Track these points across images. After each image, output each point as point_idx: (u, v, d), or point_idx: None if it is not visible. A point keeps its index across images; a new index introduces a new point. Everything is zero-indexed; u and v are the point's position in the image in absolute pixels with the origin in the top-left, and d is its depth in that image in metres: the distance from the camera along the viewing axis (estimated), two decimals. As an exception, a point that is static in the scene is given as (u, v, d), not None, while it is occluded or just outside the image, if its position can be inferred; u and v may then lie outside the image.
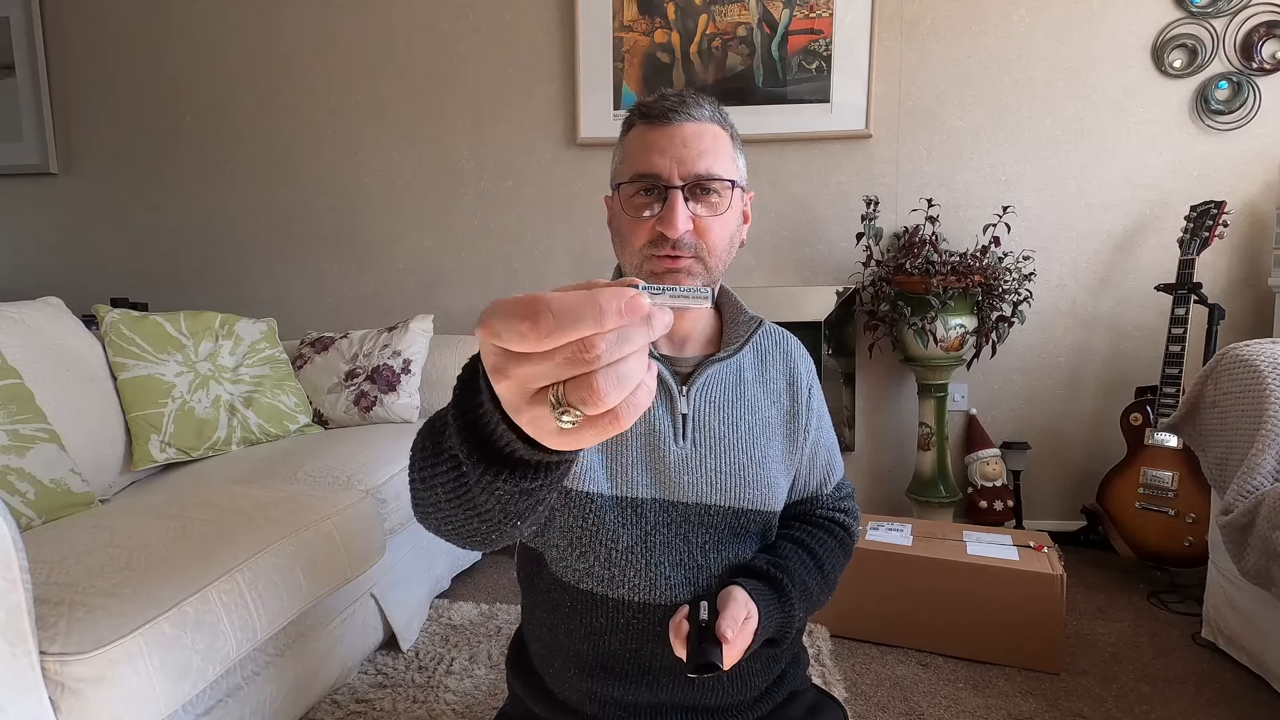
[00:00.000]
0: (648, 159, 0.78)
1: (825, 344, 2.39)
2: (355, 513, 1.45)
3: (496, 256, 2.58)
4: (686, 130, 0.78)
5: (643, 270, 0.80)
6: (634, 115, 0.82)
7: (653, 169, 0.77)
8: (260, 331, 2.05)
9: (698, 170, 0.77)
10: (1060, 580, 1.56)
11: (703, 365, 0.85)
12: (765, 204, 2.43)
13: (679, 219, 0.76)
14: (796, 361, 0.93)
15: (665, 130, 0.78)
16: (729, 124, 0.83)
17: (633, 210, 0.79)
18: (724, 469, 0.84)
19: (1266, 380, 1.41)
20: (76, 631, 0.90)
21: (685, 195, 0.78)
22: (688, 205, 0.78)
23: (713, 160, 0.78)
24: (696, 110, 0.79)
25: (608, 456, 0.84)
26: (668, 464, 0.83)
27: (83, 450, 1.55)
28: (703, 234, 0.78)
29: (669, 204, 0.77)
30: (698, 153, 0.77)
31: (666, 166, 0.77)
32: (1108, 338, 2.32)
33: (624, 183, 0.80)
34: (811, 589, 0.86)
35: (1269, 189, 2.19)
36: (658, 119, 0.79)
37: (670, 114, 0.78)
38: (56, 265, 2.80)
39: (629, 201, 0.80)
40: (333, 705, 1.45)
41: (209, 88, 2.65)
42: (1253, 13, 2.13)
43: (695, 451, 0.84)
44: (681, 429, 0.84)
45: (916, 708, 1.46)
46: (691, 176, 0.77)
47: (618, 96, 2.42)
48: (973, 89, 2.31)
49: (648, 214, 0.78)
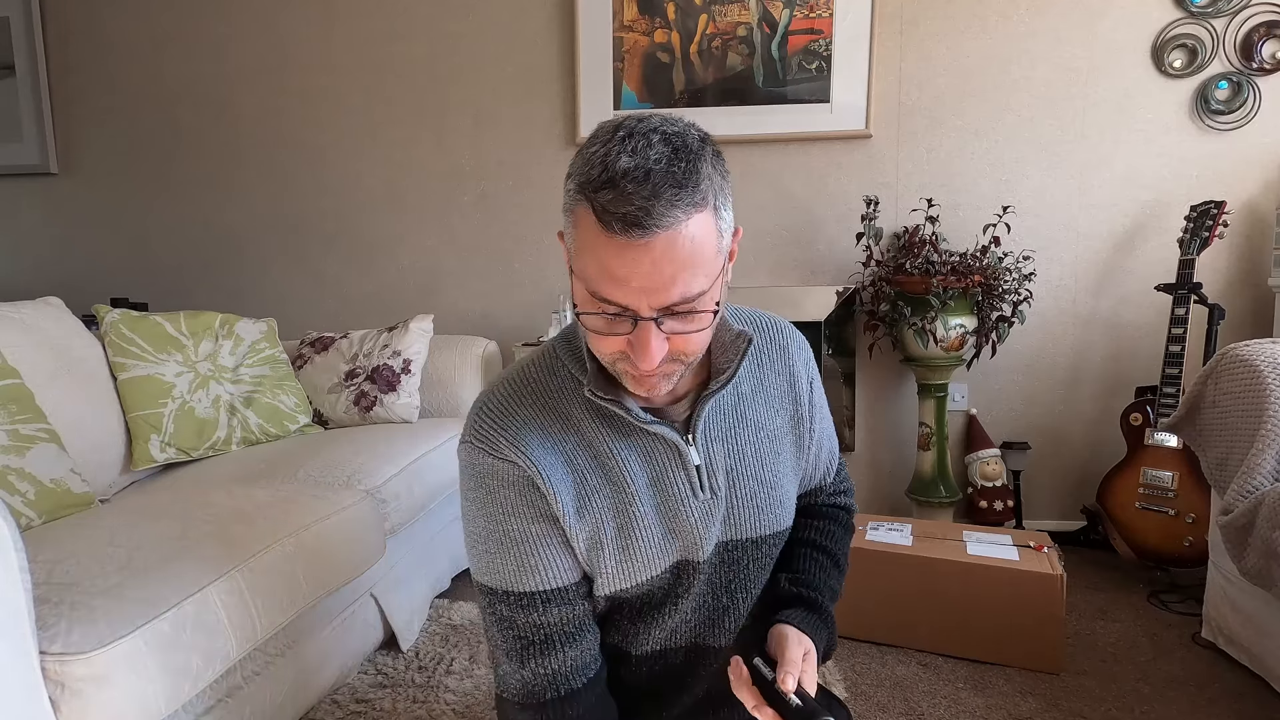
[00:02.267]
0: (610, 287, 0.62)
1: (825, 344, 2.39)
2: (355, 513, 1.45)
3: (496, 256, 2.58)
4: (657, 249, 0.60)
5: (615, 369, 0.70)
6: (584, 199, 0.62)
7: (618, 300, 0.63)
8: (260, 331, 2.05)
9: (672, 299, 0.62)
10: (1060, 580, 1.56)
11: (699, 404, 0.77)
12: (765, 204, 2.43)
13: (653, 354, 0.64)
14: (794, 356, 0.86)
15: (629, 251, 0.60)
16: (712, 186, 0.63)
17: (596, 326, 0.66)
18: (737, 504, 0.79)
19: (1266, 380, 1.41)
20: (76, 631, 0.90)
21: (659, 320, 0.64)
22: (661, 327, 0.64)
23: (690, 278, 0.62)
24: (668, 214, 0.60)
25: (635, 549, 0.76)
26: (691, 523, 0.77)
27: (83, 450, 1.55)
28: (679, 346, 0.67)
29: (640, 336, 0.64)
30: (671, 278, 0.61)
31: (634, 300, 0.62)
32: (1108, 338, 2.32)
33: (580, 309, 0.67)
34: (836, 589, 0.88)
35: (1269, 189, 2.19)
36: (619, 234, 0.60)
37: (634, 229, 0.59)
38: (56, 265, 2.80)
39: (590, 319, 0.66)
40: (333, 705, 1.45)
41: (209, 88, 2.65)
42: (1253, 13, 2.13)
43: (715, 499, 0.78)
44: (698, 481, 0.77)
45: (916, 708, 1.46)
46: (665, 307, 0.63)
47: (618, 96, 2.42)
48: (973, 89, 2.31)
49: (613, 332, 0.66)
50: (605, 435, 0.75)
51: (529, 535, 0.75)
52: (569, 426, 0.75)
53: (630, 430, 0.75)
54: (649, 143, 0.61)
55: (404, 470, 1.68)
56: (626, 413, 0.72)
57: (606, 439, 0.75)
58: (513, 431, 0.74)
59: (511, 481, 0.74)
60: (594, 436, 0.75)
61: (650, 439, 0.76)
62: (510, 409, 0.76)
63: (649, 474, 0.76)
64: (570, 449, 0.75)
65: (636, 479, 0.75)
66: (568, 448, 0.75)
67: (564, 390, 0.77)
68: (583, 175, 0.63)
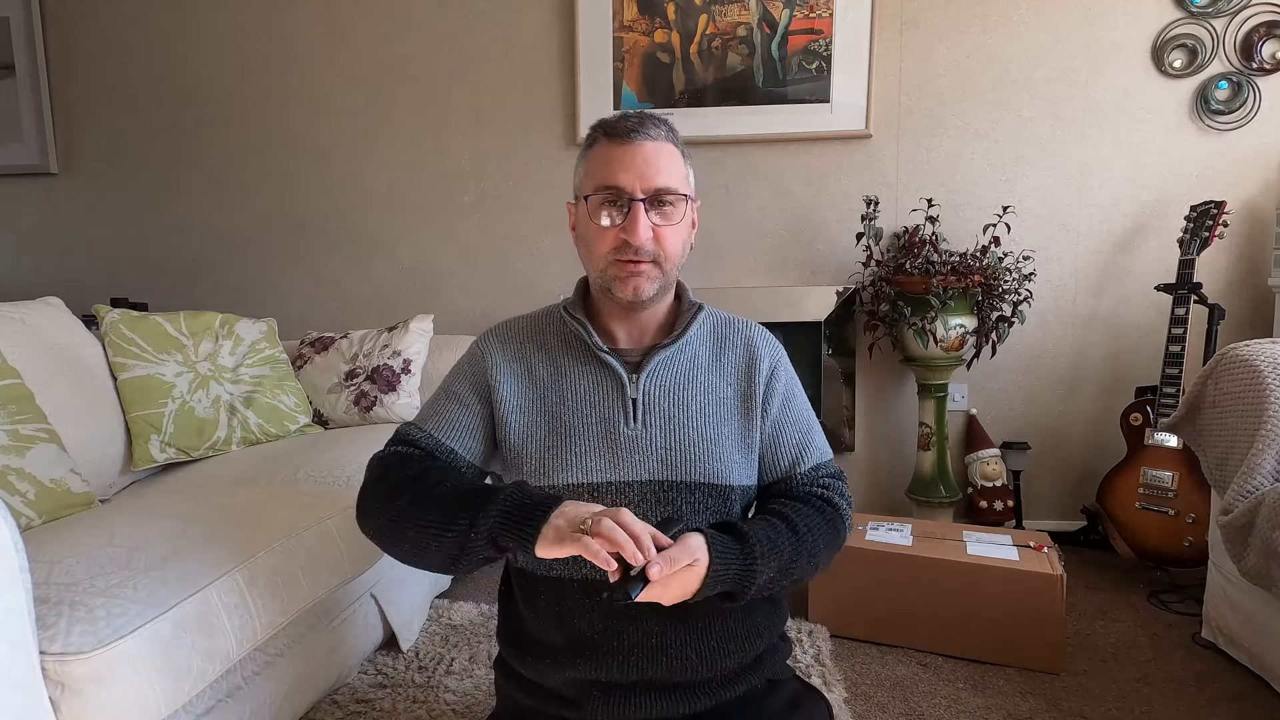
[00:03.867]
0: (612, 174, 0.88)
1: (825, 344, 2.39)
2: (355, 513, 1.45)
3: (496, 256, 2.58)
4: (646, 149, 0.89)
5: (607, 275, 0.91)
6: (597, 132, 0.92)
7: (617, 183, 0.88)
8: (260, 331, 2.05)
9: (657, 184, 0.88)
10: (1060, 580, 1.56)
11: (651, 352, 0.95)
12: (765, 204, 2.43)
13: (641, 228, 0.88)
14: (757, 346, 1.00)
15: (627, 148, 0.89)
16: (680, 143, 0.94)
17: (598, 218, 0.90)
18: (674, 446, 0.91)
19: (1266, 380, 1.41)
20: (76, 631, 0.90)
21: (646, 207, 0.88)
22: (648, 215, 0.89)
23: (669, 176, 0.89)
24: (654, 131, 0.90)
25: (563, 448, 0.91)
26: (620, 445, 0.91)
27: (83, 450, 1.55)
28: (660, 241, 0.90)
29: (632, 214, 0.88)
30: (656, 169, 0.88)
31: (629, 181, 0.88)
32: (1108, 338, 2.32)
33: (589, 195, 0.90)
34: (782, 548, 0.85)
35: (1269, 189, 2.19)
36: (620, 137, 0.89)
37: (631, 134, 0.89)
38: (56, 265, 2.80)
39: (595, 211, 0.90)
40: (333, 705, 1.45)
41: (209, 87, 2.65)
42: (1253, 13, 2.13)
43: (646, 432, 0.91)
44: (633, 412, 0.92)
45: (916, 708, 1.46)
46: (651, 190, 0.88)
47: (618, 96, 2.42)
48: (973, 89, 2.31)
49: (609, 223, 0.90)
50: (567, 358, 0.97)
51: (455, 393, 0.98)
52: (542, 346, 0.98)
53: (588, 358, 0.95)
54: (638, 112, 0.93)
55: (404, 470, 1.68)
56: (588, 336, 0.94)
57: (566, 359, 0.97)
58: (497, 338, 1.00)
59: (475, 360, 0.99)
60: (559, 357, 0.97)
61: (601, 367, 0.95)
62: (505, 327, 1.02)
63: (593, 395, 0.94)
64: (536, 361, 0.97)
65: (580, 396, 0.94)
66: (534, 360, 0.97)
67: (551, 322, 1.01)
68: (595, 129, 0.93)
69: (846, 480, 1.01)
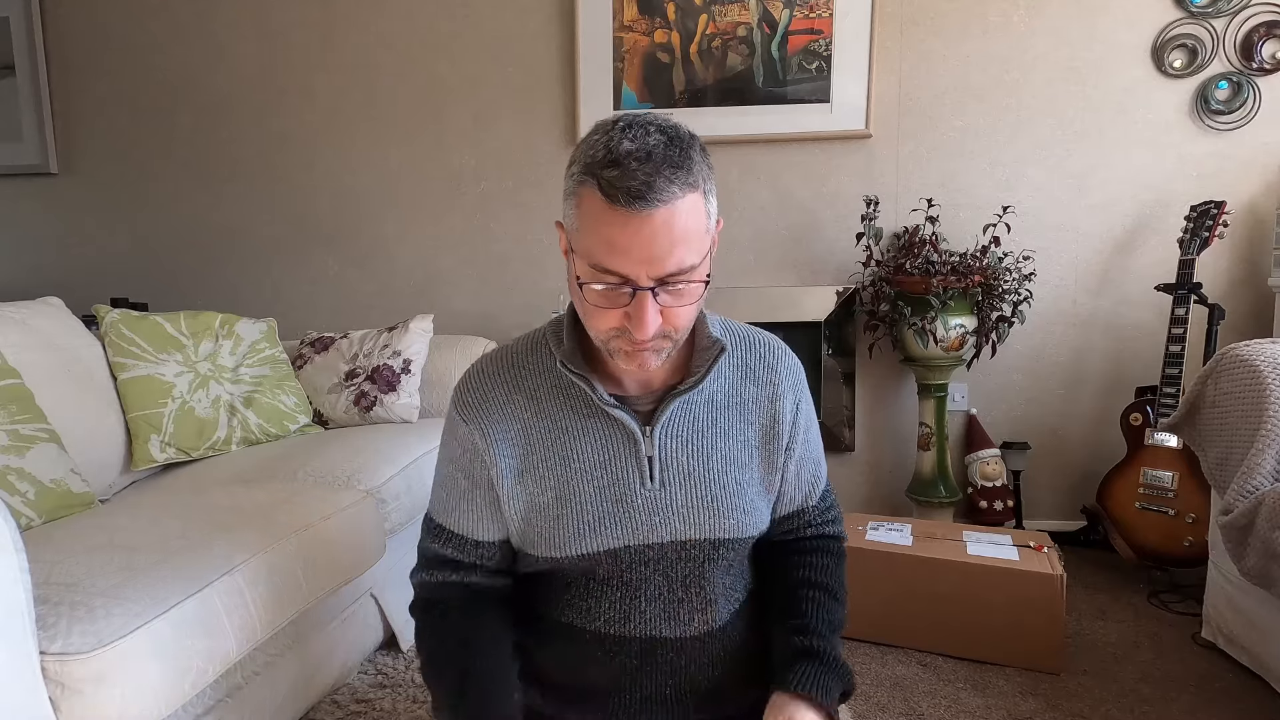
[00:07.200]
0: (613, 258, 0.69)
1: (825, 344, 2.39)
2: (355, 513, 1.45)
3: (496, 256, 2.58)
4: (657, 220, 0.67)
5: (608, 345, 0.76)
6: (590, 178, 0.69)
7: (619, 270, 0.69)
8: (260, 331, 2.05)
9: (669, 269, 0.69)
10: (1060, 580, 1.56)
11: (665, 401, 0.81)
12: (765, 204, 2.43)
13: (649, 323, 0.70)
14: (781, 378, 0.88)
15: (632, 222, 0.67)
16: (701, 172, 0.71)
17: (595, 299, 0.72)
18: (695, 503, 0.82)
19: (1266, 380, 1.41)
20: (76, 631, 0.90)
21: (655, 291, 0.70)
22: (656, 299, 0.71)
23: (685, 250, 0.69)
24: (667, 189, 0.67)
25: (571, 518, 0.81)
26: (636, 508, 0.81)
27: (83, 450, 1.55)
28: (670, 319, 0.73)
29: (638, 306, 0.70)
30: (670, 246, 0.68)
31: (634, 269, 0.69)
32: (1108, 338, 2.32)
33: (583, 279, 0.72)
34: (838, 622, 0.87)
35: (1269, 189, 2.19)
36: (623, 206, 0.67)
37: (637, 201, 0.66)
38: (56, 265, 2.80)
39: (590, 291, 0.72)
40: (333, 705, 1.45)
41: (209, 87, 2.65)
42: (1253, 13, 2.13)
43: (665, 491, 0.81)
44: (649, 471, 0.81)
45: (916, 708, 1.46)
46: (663, 275, 0.69)
47: (618, 96, 2.42)
48: (973, 89, 2.31)
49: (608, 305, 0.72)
50: (566, 412, 0.82)
51: (459, 486, 0.86)
52: (533, 400, 0.83)
53: (592, 411, 0.82)
54: (646, 131, 0.69)
55: (404, 470, 1.68)
56: (592, 391, 0.80)
57: (566, 416, 0.82)
58: (478, 399, 0.84)
59: (461, 439, 0.85)
60: (555, 412, 0.83)
61: (609, 422, 0.81)
62: (483, 380, 0.85)
63: (601, 455, 0.81)
64: (529, 419, 0.83)
65: (586, 457, 0.82)
66: (526, 417, 0.83)
67: (539, 366, 0.85)
68: (588, 158, 0.69)
69: None
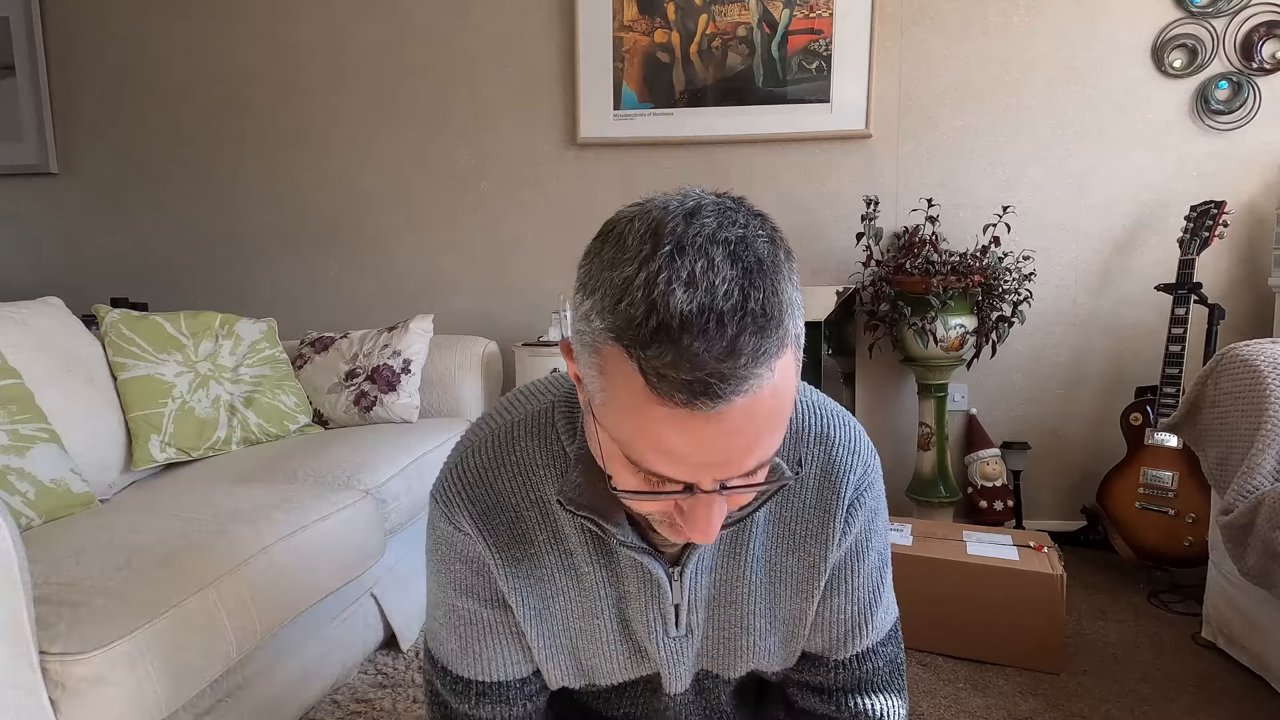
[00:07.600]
0: (664, 465, 0.48)
1: (825, 344, 2.39)
2: (355, 513, 1.45)
3: (496, 256, 2.58)
4: (731, 418, 0.45)
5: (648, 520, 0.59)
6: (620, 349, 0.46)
7: (673, 476, 0.49)
8: (260, 331, 2.05)
9: (746, 468, 0.49)
10: (1060, 580, 1.56)
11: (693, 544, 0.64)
12: (765, 204, 2.40)
13: (714, 526, 0.51)
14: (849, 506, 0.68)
15: (695, 423, 0.46)
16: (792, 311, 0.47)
17: (631, 495, 0.52)
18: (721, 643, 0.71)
19: (1266, 380, 1.41)
20: (76, 631, 0.90)
21: (722, 488, 0.51)
22: (723, 492, 0.51)
23: (771, 441, 0.49)
24: (750, 371, 0.44)
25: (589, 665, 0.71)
26: (660, 652, 0.70)
27: (83, 450, 1.55)
28: (738, 502, 0.55)
29: (698, 508, 0.51)
30: (747, 448, 0.48)
31: (697, 475, 0.49)
32: (1108, 338, 2.32)
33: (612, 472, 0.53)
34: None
35: (1269, 189, 2.19)
36: (681, 405, 0.45)
37: (701, 399, 0.44)
38: (56, 265, 2.80)
39: (624, 480, 0.52)
40: (333, 705, 1.45)
41: (209, 87, 2.65)
42: (1253, 13, 2.13)
43: (690, 637, 0.70)
44: (674, 619, 0.68)
45: (916, 707, 1.46)
46: (736, 476, 0.50)
47: (618, 96, 2.42)
48: (973, 89, 2.31)
49: (656, 502, 0.53)
50: (583, 550, 0.66)
51: (477, 619, 0.68)
52: (546, 515, 0.65)
53: (609, 551, 0.66)
54: (710, 263, 0.44)
55: (404, 470, 1.68)
56: (604, 533, 0.62)
57: (583, 553, 0.66)
58: (480, 503, 0.65)
59: (466, 557, 0.66)
60: (569, 545, 0.66)
61: (631, 565, 0.65)
62: (487, 477, 0.65)
63: (623, 604, 0.68)
64: (545, 540, 0.66)
65: (608, 606, 0.68)
66: (541, 538, 0.66)
67: (551, 471, 0.64)
68: (618, 316, 0.45)
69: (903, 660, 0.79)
